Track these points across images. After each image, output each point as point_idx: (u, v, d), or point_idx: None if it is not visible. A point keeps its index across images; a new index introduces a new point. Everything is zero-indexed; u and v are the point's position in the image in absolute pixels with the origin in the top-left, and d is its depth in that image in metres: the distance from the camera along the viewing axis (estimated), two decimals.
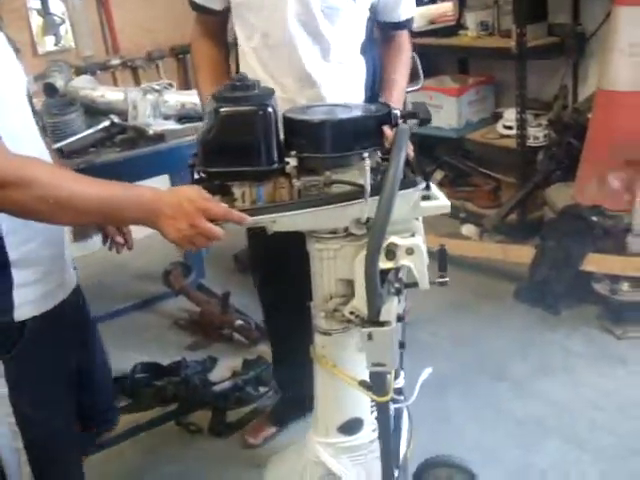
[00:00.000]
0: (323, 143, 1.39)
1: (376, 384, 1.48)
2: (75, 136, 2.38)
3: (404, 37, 2.10)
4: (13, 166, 1.22)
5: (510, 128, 3.85)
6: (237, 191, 1.40)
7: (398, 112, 1.44)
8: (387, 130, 1.44)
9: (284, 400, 2.51)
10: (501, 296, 3.36)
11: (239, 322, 3.13)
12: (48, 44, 3.83)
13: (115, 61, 3.98)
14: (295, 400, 2.39)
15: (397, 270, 1.47)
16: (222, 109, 1.34)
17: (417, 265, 1.46)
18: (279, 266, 2.12)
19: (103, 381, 1.89)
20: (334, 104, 1.57)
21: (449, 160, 4.46)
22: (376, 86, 2.07)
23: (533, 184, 3.65)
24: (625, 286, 2.96)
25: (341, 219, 1.43)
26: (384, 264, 1.43)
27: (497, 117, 4.08)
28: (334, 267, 1.52)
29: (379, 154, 1.48)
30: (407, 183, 1.41)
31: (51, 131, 2.40)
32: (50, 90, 2.59)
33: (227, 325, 3.16)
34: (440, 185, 4.45)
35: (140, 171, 2.31)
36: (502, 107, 4.11)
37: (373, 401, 1.55)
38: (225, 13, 1.93)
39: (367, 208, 1.37)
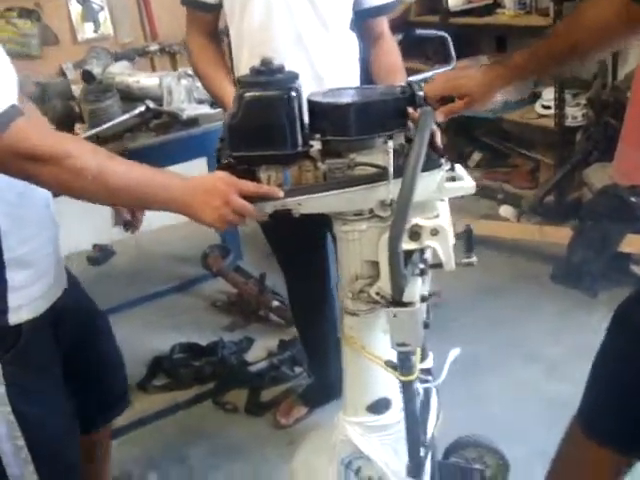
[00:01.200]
0: (347, 126, 1.40)
1: (402, 364, 1.50)
2: (111, 122, 2.42)
3: (385, 29, 2.08)
4: (50, 141, 1.26)
5: (548, 108, 3.80)
6: (263, 175, 1.42)
7: (422, 94, 1.44)
8: (412, 112, 1.44)
9: (315, 383, 2.54)
10: (538, 278, 3.34)
11: (275, 303, 3.17)
12: (87, 31, 3.89)
13: (153, 47, 4.03)
14: (325, 384, 2.43)
15: (422, 251, 1.47)
16: (247, 94, 1.36)
17: (442, 246, 1.46)
18: (295, 254, 2.15)
19: (109, 372, 1.90)
20: (358, 87, 1.58)
21: (487, 141, 4.43)
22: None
23: (571, 165, 3.61)
24: None
25: (366, 201, 1.44)
26: (408, 245, 1.44)
27: (536, 96, 4.02)
28: (360, 248, 1.53)
29: (404, 136, 1.48)
30: (430, 164, 1.41)
31: (88, 117, 2.46)
32: (88, 77, 2.65)
33: (263, 306, 3.21)
34: (478, 166, 4.45)
35: (175, 155, 2.36)
36: (540, 86, 4.05)
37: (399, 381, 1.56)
38: (217, 10, 1.97)
39: (391, 190, 1.38)
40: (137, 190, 1.32)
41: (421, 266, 1.46)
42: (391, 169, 1.36)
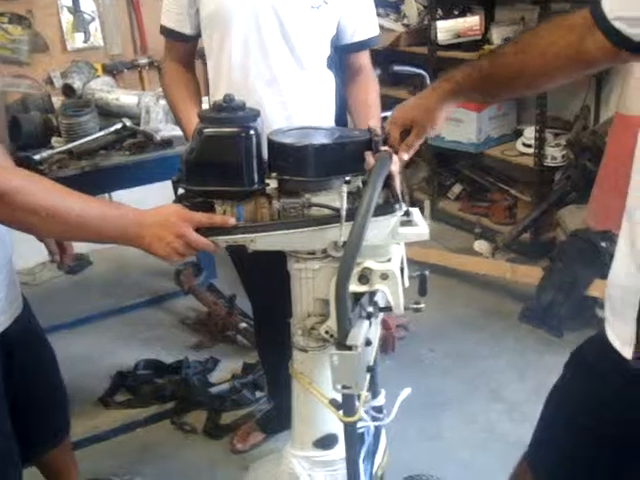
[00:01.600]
0: (304, 167, 1.42)
1: (345, 405, 1.50)
2: (87, 137, 2.43)
3: (366, 62, 2.10)
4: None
5: (529, 146, 3.83)
6: (219, 209, 1.44)
7: (380, 139, 1.46)
8: (369, 156, 1.46)
9: (274, 409, 2.54)
10: (507, 315, 3.37)
11: (243, 325, 3.17)
12: (77, 41, 3.92)
13: (142, 60, 4.06)
14: (282, 411, 2.42)
15: (372, 294, 1.49)
16: (206, 129, 1.38)
17: (392, 290, 1.47)
18: (258, 277, 2.16)
19: (53, 403, 1.96)
20: (316, 127, 1.60)
21: (468, 174, 4.47)
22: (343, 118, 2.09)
23: (547, 204, 3.64)
24: None
25: (319, 241, 1.46)
26: (358, 288, 1.46)
27: (518, 134, 4.06)
28: (312, 286, 1.54)
29: (361, 179, 1.50)
30: (385, 209, 1.43)
31: (65, 131, 2.47)
32: (68, 91, 2.66)
33: (231, 327, 3.21)
34: (458, 198, 4.47)
35: (147, 175, 2.37)
36: (523, 124, 4.10)
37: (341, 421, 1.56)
38: (195, 40, 2.02)
39: (343, 232, 1.39)
40: (92, 226, 1.32)
41: (369, 309, 1.47)
42: (344, 212, 1.38)
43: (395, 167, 1.50)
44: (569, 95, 3.82)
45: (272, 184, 1.46)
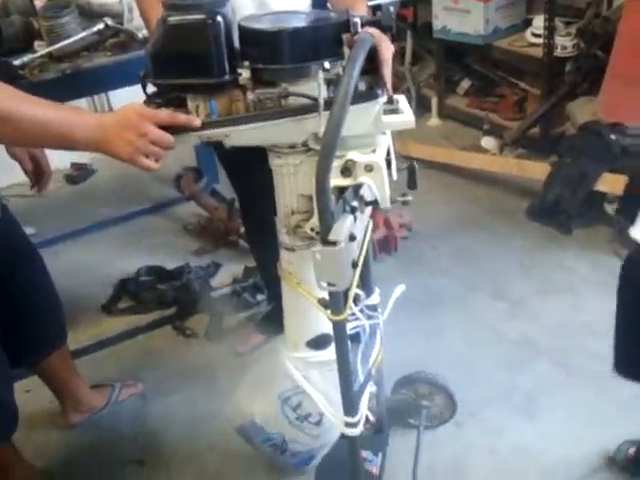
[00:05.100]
0: (278, 53, 1.33)
1: (332, 303, 1.46)
2: (69, 39, 2.33)
3: None
4: None
5: (539, 36, 3.64)
6: (191, 105, 1.36)
7: (358, 19, 1.35)
8: (347, 38, 1.36)
9: (272, 311, 2.52)
10: (513, 213, 3.28)
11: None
12: None
13: None
14: (280, 312, 2.40)
15: (356, 188, 1.42)
16: (170, 17, 1.29)
17: (377, 183, 1.41)
18: (244, 180, 2.09)
19: (38, 307, 1.96)
20: (291, 11, 1.50)
21: (477, 68, 4.30)
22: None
23: (557, 97, 3.49)
24: None
25: (298, 133, 1.39)
26: (341, 181, 1.40)
27: (527, 24, 3.86)
28: (295, 183, 1.48)
29: (340, 65, 1.41)
30: (366, 95, 1.35)
31: (46, 34, 2.37)
32: None
33: (233, 231, 3.18)
34: (466, 94, 4.33)
35: (129, 76, 2.26)
36: (533, 13, 3.90)
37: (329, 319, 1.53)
38: None
39: (323, 122, 1.31)
40: (53, 131, 1.27)
41: (354, 203, 1.41)
42: (321, 100, 1.30)
43: (388, 53, 1.41)
44: None
45: (245, 74, 1.37)
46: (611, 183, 2.91)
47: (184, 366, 2.52)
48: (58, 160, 4.00)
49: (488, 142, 3.71)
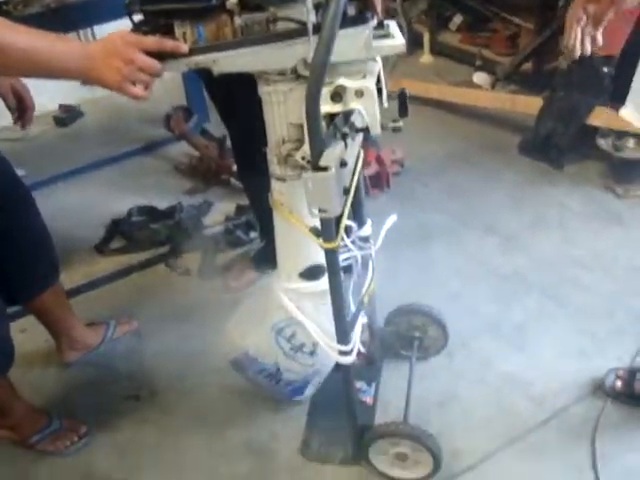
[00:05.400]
0: None
1: (324, 231, 1.46)
2: None
3: None
4: None
5: None
6: (178, 31, 1.33)
7: None
8: None
9: (264, 246, 2.53)
10: (505, 148, 3.28)
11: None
12: None
13: None
14: (272, 248, 2.40)
15: (347, 114, 1.41)
16: None
17: (368, 108, 1.39)
18: (233, 109, 2.05)
19: (31, 246, 1.97)
20: None
21: (469, 3, 4.23)
22: None
23: (550, 31, 3.45)
24: (631, 143, 2.85)
25: (286, 59, 1.36)
26: (331, 107, 1.38)
27: None
28: (285, 111, 1.46)
29: None
30: (355, 19, 1.32)
31: None
32: None
33: (224, 170, 3.16)
34: (459, 30, 4.27)
35: (113, 10, 2.19)
36: None
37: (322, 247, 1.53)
38: None
39: (312, 46, 1.29)
40: (41, 60, 1.24)
41: (344, 130, 1.39)
42: (310, 24, 1.27)
43: None
44: None
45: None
46: (603, 117, 2.92)
47: (178, 304, 2.53)
48: (47, 102, 3.95)
49: (480, 78, 3.67)
